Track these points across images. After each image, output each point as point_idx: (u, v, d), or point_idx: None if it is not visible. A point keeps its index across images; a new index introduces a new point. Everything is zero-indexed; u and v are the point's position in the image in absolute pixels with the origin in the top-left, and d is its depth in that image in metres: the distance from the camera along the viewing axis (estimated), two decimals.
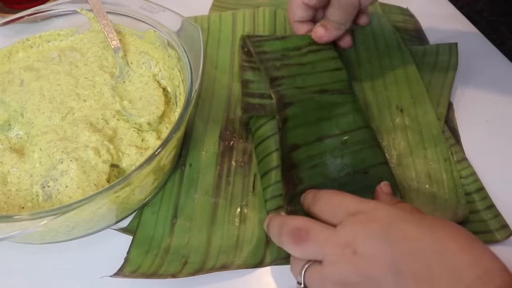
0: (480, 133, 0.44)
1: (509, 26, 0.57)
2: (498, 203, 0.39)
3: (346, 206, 0.31)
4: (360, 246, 0.28)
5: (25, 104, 0.42)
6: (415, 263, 0.26)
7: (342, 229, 0.29)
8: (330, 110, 0.41)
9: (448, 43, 0.51)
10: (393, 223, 0.28)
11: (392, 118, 0.45)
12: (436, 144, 0.42)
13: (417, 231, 0.27)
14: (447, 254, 0.26)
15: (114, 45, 0.46)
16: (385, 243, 0.27)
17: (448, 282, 0.26)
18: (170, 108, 0.45)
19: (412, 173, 0.41)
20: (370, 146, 0.39)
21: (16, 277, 0.37)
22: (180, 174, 0.42)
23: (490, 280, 0.25)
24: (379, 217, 0.29)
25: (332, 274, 0.28)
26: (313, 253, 0.29)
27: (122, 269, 0.35)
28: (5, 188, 0.38)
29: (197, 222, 0.39)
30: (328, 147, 0.39)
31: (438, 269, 0.26)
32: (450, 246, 0.26)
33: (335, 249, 0.29)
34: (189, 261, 0.36)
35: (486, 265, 0.26)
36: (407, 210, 0.31)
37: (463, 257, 0.26)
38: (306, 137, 0.40)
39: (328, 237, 0.29)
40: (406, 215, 0.29)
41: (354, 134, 0.39)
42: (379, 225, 0.28)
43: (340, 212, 0.30)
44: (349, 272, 0.28)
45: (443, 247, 0.26)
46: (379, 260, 0.27)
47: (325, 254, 0.29)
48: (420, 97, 0.46)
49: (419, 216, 0.29)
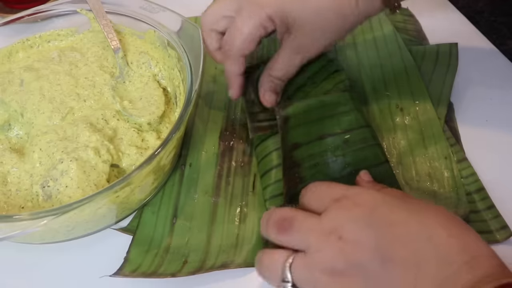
0: (480, 133, 0.44)
1: (509, 26, 0.57)
2: (498, 204, 0.39)
3: (331, 193, 0.30)
4: (345, 232, 0.27)
5: (25, 104, 0.42)
6: (402, 249, 0.26)
7: (326, 216, 0.29)
8: (331, 109, 0.41)
9: (448, 43, 0.51)
10: (377, 208, 0.28)
11: (392, 117, 0.45)
12: (436, 142, 0.42)
13: (402, 216, 0.27)
14: (435, 239, 0.26)
15: (114, 46, 0.46)
16: (369, 229, 0.27)
17: (436, 267, 0.25)
18: (170, 108, 0.45)
19: (412, 172, 0.41)
20: (371, 145, 0.39)
21: (16, 277, 0.37)
22: (180, 174, 0.42)
23: (478, 265, 0.25)
24: (363, 202, 0.28)
25: (319, 263, 0.27)
26: (298, 242, 0.29)
27: (121, 269, 0.35)
28: (5, 188, 0.38)
29: (197, 221, 0.39)
30: (330, 145, 0.39)
31: (425, 255, 0.26)
32: (438, 231, 0.26)
33: (320, 237, 0.28)
34: (189, 260, 0.36)
35: (474, 250, 0.25)
36: (393, 194, 0.30)
37: (451, 243, 0.26)
38: (307, 135, 0.40)
39: (312, 225, 0.29)
40: (392, 199, 0.28)
41: (355, 132, 0.39)
42: (363, 210, 0.28)
43: (325, 200, 0.30)
44: (335, 259, 0.27)
45: (430, 232, 0.26)
46: (364, 246, 0.27)
47: (310, 243, 0.28)
48: (420, 96, 0.46)
49: (405, 201, 0.29)
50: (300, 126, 0.40)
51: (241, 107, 0.47)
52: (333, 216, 0.28)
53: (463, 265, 0.25)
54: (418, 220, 0.27)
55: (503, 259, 0.36)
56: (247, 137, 0.44)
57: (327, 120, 0.40)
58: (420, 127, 0.44)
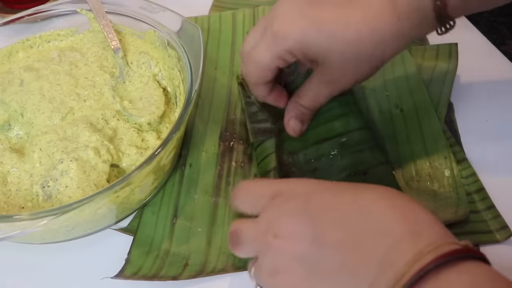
0: (480, 133, 0.44)
1: (509, 26, 0.57)
2: (498, 204, 0.38)
3: (265, 191, 0.29)
4: (280, 228, 0.27)
5: (25, 104, 0.42)
6: (337, 232, 0.25)
7: (262, 217, 0.28)
8: (326, 113, 0.41)
9: (448, 43, 0.51)
10: (311, 196, 0.27)
11: (392, 117, 0.45)
12: (436, 142, 0.42)
13: (337, 199, 0.27)
14: (370, 215, 0.25)
15: (113, 46, 0.46)
16: (305, 219, 0.26)
17: (374, 242, 0.24)
18: (170, 108, 0.45)
19: (412, 172, 0.41)
20: (369, 147, 0.39)
21: (16, 277, 0.37)
22: (180, 174, 0.42)
23: (419, 233, 0.24)
24: (297, 193, 0.28)
25: (263, 267, 0.27)
26: (250, 252, 0.29)
27: (123, 271, 0.35)
28: (5, 188, 0.38)
29: (197, 222, 0.39)
30: (326, 150, 0.39)
31: (361, 232, 0.25)
32: (373, 208, 0.25)
33: (261, 240, 0.28)
34: (189, 263, 0.36)
35: (414, 218, 0.25)
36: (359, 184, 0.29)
37: (388, 215, 0.25)
38: (304, 142, 0.39)
39: (254, 231, 0.28)
40: (327, 184, 0.28)
41: (352, 135, 0.39)
42: (298, 201, 0.27)
43: (261, 200, 0.29)
44: (276, 258, 0.27)
45: (366, 210, 0.25)
46: (301, 237, 0.26)
47: (257, 249, 0.28)
48: (420, 96, 0.46)
49: (342, 184, 0.28)
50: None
51: (241, 108, 0.47)
52: (268, 214, 0.28)
53: (404, 235, 0.24)
54: (352, 202, 0.26)
55: (503, 259, 0.36)
56: (247, 137, 0.44)
57: (323, 125, 0.40)
58: (420, 127, 0.44)
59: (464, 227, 0.37)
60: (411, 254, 0.23)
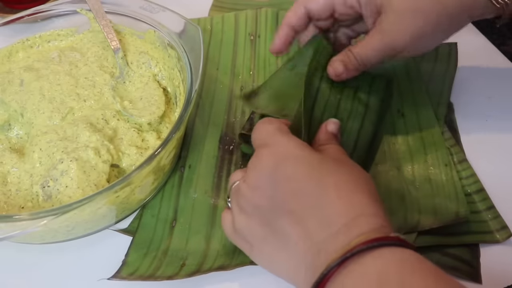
0: (480, 134, 0.44)
1: (509, 26, 0.57)
2: (497, 204, 0.39)
3: (259, 136, 0.32)
4: (250, 178, 0.30)
5: (25, 104, 0.42)
6: (292, 202, 0.28)
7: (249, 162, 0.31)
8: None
9: (448, 43, 0.51)
10: (283, 162, 0.29)
11: (393, 122, 0.45)
12: (436, 149, 0.42)
13: (303, 172, 0.28)
14: (323, 200, 0.27)
15: (113, 46, 0.46)
16: (269, 180, 0.29)
17: (317, 225, 0.27)
18: (170, 108, 0.45)
19: (412, 177, 0.41)
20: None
21: (16, 277, 0.37)
22: (179, 176, 0.42)
23: (355, 226, 0.26)
24: (276, 153, 0.30)
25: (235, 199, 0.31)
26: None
27: (119, 271, 0.35)
28: (5, 188, 0.38)
29: (196, 224, 0.39)
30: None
31: (310, 212, 0.27)
32: (328, 192, 0.27)
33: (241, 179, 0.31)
34: (187, 263, 0.36)
35: (357, 211, 0.27)
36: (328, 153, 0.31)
37: (336, 205, 0.27)
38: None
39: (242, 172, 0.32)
40: (305, 155, 0.29)
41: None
42: (270, 161, 0.29)
43: (257, 142, 0.32)
44: (241, 198, 0.31)
45: (322, 192, 0.27)
46: (262, 193, 0.29)
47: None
48: (421, 102, 0.46)
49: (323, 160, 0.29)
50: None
51: (242, 110, 0.47)
52: (250, 162, 0.31)
53: (341, 228, 0.26)
54: (315, 179, 0.28)
55: (503, 258, 0.36)
56: (248, 141, 0.44)
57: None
58: (421, 133, 0.44)
59: (465, 227, 0.37)
60: (342, 244, 0.25)
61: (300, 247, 0.28)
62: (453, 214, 0.37)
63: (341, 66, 0.38)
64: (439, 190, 0.39)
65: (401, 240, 0.25)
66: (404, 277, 0.23)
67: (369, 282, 0.24)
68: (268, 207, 0.29)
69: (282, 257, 0.29)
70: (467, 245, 0.37)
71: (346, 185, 0.28)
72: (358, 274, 0.24)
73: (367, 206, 0.27)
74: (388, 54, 0.36)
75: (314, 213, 0.27)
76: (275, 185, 0.29)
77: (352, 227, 0.26)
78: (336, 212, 0.27)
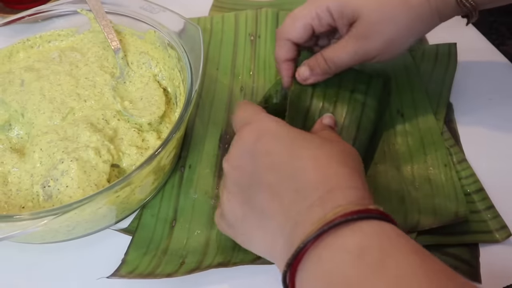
0: (479, 134, 0.44)
1: (509, 27, 0.57)
2: (497, 204, 0.39)
3: (239, 119, 0.33)
4: (231, 156, 0.31)
5: (26, 104, 0.42)
6: (270, 175, 0.28)
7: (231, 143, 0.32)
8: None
9: (448, 43, 0.52)
10: (262, 138, 0.29)
11: (393, 123, 0.45)
12: (436, 149, 0.42)
13: (281, 146, 0.29)
14: (299, 172, 0.27)
15: (114, 46, 0.46)
16: (249, 157, 0.29)
17: (293, 197, 0.27)
18: (170, 108, 0.45)
19: (412, 178, 0.41)
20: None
21: (16, 276, 0.37)
22: (179, 176, 0.42)
23: (330, 198, 0.26)
24: (255, 129, 0.30)
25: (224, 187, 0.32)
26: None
27: (119, 270, 0.35)
28: (5, 188, 0.38)
29: (196, 223, 0.39)
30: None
31: (287, 184, 0.27)
32: (306, 164, 0.27)
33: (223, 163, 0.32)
34: (186, 261, 0.36)
35: (332, 184, 0.26)
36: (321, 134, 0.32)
37: (312, 177, 0.27)
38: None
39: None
40: (284, 130, 0.30)
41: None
42: (250, 139, 0.30)
43: (238, 124, 0.32)
44: (227, 180, 0.31)
45: (299, 164, 0.28)
46: (243, 170, 0.30)
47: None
48: (421, 103, 0.46)
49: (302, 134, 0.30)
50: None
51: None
52: (233, 142, 0.31)
53: (316, 200, 0.26)
54: (293, 152, 0.28)
55: (502, 258, 0.36)
56: None
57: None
58: (420, 134, 0.44)
59: (464, 227, 0.37)
60: (318, 216, 0.25)
61: (276, 221, 0.28)
62: (452, 214, 0.37)
63: (307, 71, 0.40)
64: (439, 190, 0.39)
65: (381, 213, 0.25)
66: (384, 251, 0.23)
67: (347, 255, 0.23)
68: (248, 184, 0.29)
69: (260, 233, 0.29)
70: (466, 245, 0.37)
71: (325, 158, 0.28)
72: (336, 248, 0.24)
73: (345, 179, 0.27)
74: (360, 58, 0.38)
75: (289, 186, 0.27)
76: (254, 160, 0.29)
77: (327, 200, 0.26)
78: (311, 184, 0.27)
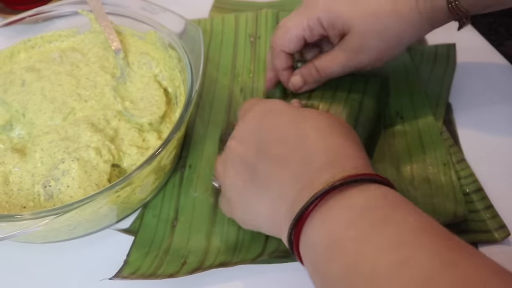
0: (478, 134, 0.45)
1: (507, 27, 0.58)
2: (496, 204, 0.39)
3: (245, 107, 0.35)
4: (238, 134, 0.32)
5: (27, 105, 0.42)
6: (276, 148, 0.30)
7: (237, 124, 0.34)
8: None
9: (447, 44, 0.52)
10: (267, 114, 0.31)
11: (392, 124, 0.45)
12: (435, 149, 0.42)
13: (286, 121, 0.31)
14: (306, 141, 0.29)
15: (114, 47, 0.46)
16: (255, 133, 0.31)
17: (301, 164, 0.28)
18: (170, 109, 0.45)
19: (410, 177, 0.41)
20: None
21: (17, 276, 0.37)
22: (180, 176, 0.42)
23: (337, 163, 0.27)
24: (259, 110, 0.32)
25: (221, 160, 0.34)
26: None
27: (121, 271, 0.35)
28: (7, 187, 0.38)
29: (197, 223, 0.39)
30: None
31: (295, 153, 0.29)
32: (310, 134, 0.29)
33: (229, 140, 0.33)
34: (188, 261, 0.36)
35: (338, 152, 0.28)
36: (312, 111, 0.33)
37: (318, 144, 0.29)
38: None
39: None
40: (287, 107, 0.32)
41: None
42: (256, 117, 0.32)
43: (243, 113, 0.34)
44: (229, 156, 0.32)
45: (304, 135, 0.29)
46: (249, 145, 0.31)
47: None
48: (419, 103, 0.46)
49: (304, 110, 0.31)
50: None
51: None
52: (238, 124, 0.33)
53: (324, 164, 0.28)
54: (297, 125, 0.30)
55: (501, 257, 0.36)
56: None
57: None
58: (420, 133, 0.44)
59: (463, 226, 0.37)
60: (326, 178, 0.27)
61: (282, 186, 0.29)
62: (451, 214, 0.37)
63: (300, 81, 0.42)
64: (438, 190, 0.40)
65: (384, 179, 0.27)
66: (388, 210, 0.24)
67: (352, 213, 0.25)
68: (254, 157, 0.31)
69: (261, 201, 0.30)
70: None
71: (328, 129, 0.30)
72: (341, 206, 0.25)
73: (349, 148, 0.29)
74: (351, 69, 0.40)
75: (297, 155, 0.29)
76: (260, 135, 0.31)
77: (335, 165, 0.27)
78: (319, 151, 0.28)
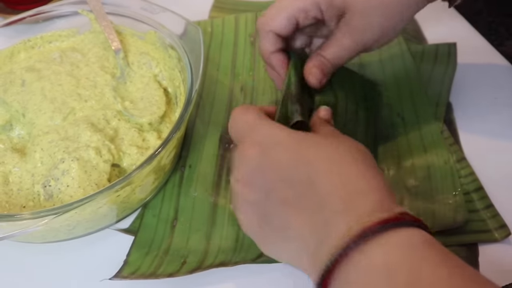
0: (478, 133, 0.45)
1: (507, 27, 0.58)
2: (496, 203, 0.39)
3: (237, 129, 0.32)
4: (240, 175, 0.30)
5: (27, 105, 0.43)
6: (284, 190, 0.27)
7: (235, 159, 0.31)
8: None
9: (447, 43, 0.52)
10: (266, 150, 0.29)
11: (393, 125, 0.45)
12: (436, 147, 0.42)
13: (290, 157, 0.28)
14: (313, 179, 0.26)
15: (114, 47, 0.46)
16: (258, 172, 0.29)
17: (314, 210, 0.26)
18: (170, 108, 0.45)
19: (411, 177, 0.41)
20: None
21: (17, 276, 0.37)
22: (180, 176, 0.42)
23: (352, 206, 0.25)
24: (256, 143, 0.29)
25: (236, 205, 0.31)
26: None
27: (121, 271, 0.35)
28: (6, 187, 0.38)
29: (197, 223, 0.39)
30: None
31: (304, 197, 0.27)
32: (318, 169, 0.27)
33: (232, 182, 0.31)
34: (187, 261, 0.36)
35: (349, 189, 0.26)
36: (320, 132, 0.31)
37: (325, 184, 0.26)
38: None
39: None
40: (285, 138, 0.29)
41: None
42: (254, 154, 0.29)
43: (236, 136, 0.32)
44: (238, 198, 0.30)
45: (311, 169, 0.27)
46: (256, 188, 0.29)
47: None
48: (420, 102, 0.46)
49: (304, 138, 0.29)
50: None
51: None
52: (235, 157, 0.31)
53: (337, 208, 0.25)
54: (302, 158, 0.28)
55: (501, 257, 0.36)
56: None
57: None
58: (420, 133, 0.44)
59: (463, 226, 0.37)
60: (343, 229, 0.24)
61: (299, 236, 0.27)
62: (451, 219, 0.37)
63: (319, 72, 0.37)
64: (438, 190, 0.40)
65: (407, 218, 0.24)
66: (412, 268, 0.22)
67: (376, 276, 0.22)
68: (263, 200, 0.28)
69: (281, 246, 0.29)
70: (465, 244, 0.37)
71: (337, 158, 0.27)
72: (363, 266, 0.23)
73: (362, 179, 0.26)
74: (359, 50, 0.37)
75: (306, 198, 0.26)
76: (264, 175, 0.28)
77: (350, 208, 0.25)
78: (329, 191, 0.26)
